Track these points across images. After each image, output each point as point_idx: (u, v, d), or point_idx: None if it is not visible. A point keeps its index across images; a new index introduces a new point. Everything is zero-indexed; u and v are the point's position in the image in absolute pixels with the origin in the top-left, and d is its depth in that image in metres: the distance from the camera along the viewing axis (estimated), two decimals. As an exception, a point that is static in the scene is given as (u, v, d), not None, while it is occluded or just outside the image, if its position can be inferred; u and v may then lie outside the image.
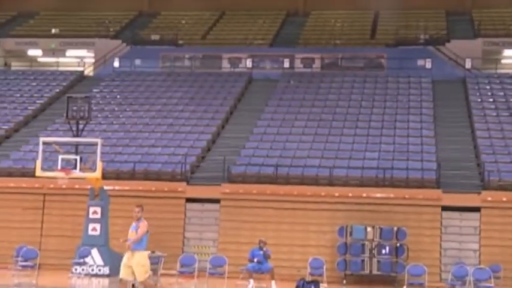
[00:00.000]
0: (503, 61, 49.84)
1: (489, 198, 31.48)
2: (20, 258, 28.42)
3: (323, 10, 51.95)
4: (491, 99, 41.42)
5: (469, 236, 31.26)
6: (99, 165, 29.28)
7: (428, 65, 46.59)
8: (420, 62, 46.76)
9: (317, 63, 47.41)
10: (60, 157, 29.21)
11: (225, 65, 47.76)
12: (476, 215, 31.50)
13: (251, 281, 26.07)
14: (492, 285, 27.52)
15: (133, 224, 18.55)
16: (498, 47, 49.29)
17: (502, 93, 42.01)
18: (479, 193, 31.83)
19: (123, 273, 18.37)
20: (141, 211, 18.60)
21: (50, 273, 28.40)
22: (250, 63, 47.67)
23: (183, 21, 52.21)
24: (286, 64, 47.52)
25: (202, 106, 41.52)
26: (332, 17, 51.94)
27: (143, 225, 18.36)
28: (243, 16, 52.23)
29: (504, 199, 31.41)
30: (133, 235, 18.32)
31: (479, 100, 41.23)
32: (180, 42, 50.07)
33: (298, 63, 47.57)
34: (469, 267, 29.14)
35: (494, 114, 39.61)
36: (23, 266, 28.12)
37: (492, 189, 31.93)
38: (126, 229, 30.27)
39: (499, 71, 48.20)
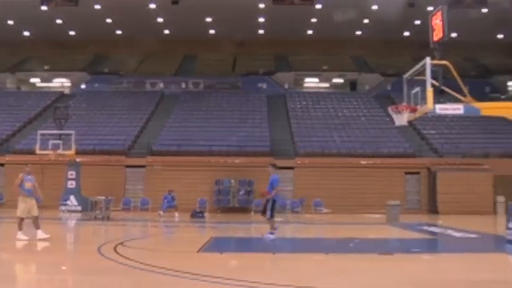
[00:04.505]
0: (305, 84, 50.48)
1: (298, 162, 32.13)
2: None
3: (204, 54, 51.76)
4: (299, 106, 42.11)
5: (288, 183, 31.73)
6: (73, 146, 28.89)
7: (265, 87, 46.97)
8: (260, 85, 47.13)
9: (202, 85, 47.20)
10: (50, 142, 28.79)
11: (148, 86, 47.16)
12: (291, 170, 32.12)
13: (161, 212, 26.07)
14: (300, 209, 28.35)
15: (27, 176, 14.77)
16: (302, 77, 50.04)
17: (305, 103, 42.73)
18: (293, 158, 32.52)
19: (25, 213, 14.47)
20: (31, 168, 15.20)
21: (46, 210, 27.62)
22: (163, 85, 47.17)
23: (123, 61, 51.02)
24: (184, 86, 47.15)
25: (135, 110, 40.84)
26: (211, 58, 51.80)
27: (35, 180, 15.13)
28: (158, 57, 51.46)
29: (306, 162, 32.14)
30: (30, 184, 14.71)
31: (293, 106, 41.85)
32: (121, 73, 49.11)
33: (190, 85, 47.30)
34: (288, 200, 29.90)
35: (300, 114, 40.37)
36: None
37: (300, 156, 32.64)
38: (92, 183, 30.02)
39: (303, 90, 49.04)
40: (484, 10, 40.44)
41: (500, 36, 47.52)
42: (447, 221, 24.46)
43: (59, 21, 45.25)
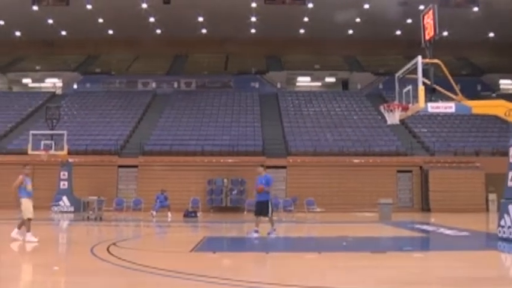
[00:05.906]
0: (297, 84, 50.58)
1: (291, 161, 32.18)
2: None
3: (196, 53, 51.75)
4: (291, 105, 42.18)
5: (281, 182, 31.80)
6: (66, 146, 28.79)
7: (257, 86, 47.05)
8: (252, 84, 47.17)
9: (194, 85, 47.19)
10: (42, 142, 28.68)
11: (140, 86, 47.09)
12: (284, 170, 32.18)
13: (154, 212, 25.92)
14: (292, 208, 28.32)
15: (27, 178, 14.39)
16: (294, 76, 50.16)
17: (297, 102, 42.80)
18: (285, 157, 32.55)
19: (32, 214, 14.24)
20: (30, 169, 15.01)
21: (38, 211, 27.43)
22: (155, 85, 47.17)
23: (114, 61, 51.07)
24: (176, 85, 47.12)
25: (127, 110, 40.86)
26: (202, 57, 51.76)
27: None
28: (150, 57, 51.43)
29: (299, 161, 32.20)
30: (31, 186, 14.48)
31: (285, 106, 41.90)
32: (113, 73, 49.03)
33: (182, 85, 47.27)
34: (280, 199, 29.87)
35: (293, 113, 40.42)
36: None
37: (292, 155, 32.68)
38: (84, 184, 29.91)
39: (295, 89, 49.07)
40: (475, 9, 40.58)
41: (491, 35, 47.73)
42: (439, 219, 24.51)
43: (50, 21, 45.13)
